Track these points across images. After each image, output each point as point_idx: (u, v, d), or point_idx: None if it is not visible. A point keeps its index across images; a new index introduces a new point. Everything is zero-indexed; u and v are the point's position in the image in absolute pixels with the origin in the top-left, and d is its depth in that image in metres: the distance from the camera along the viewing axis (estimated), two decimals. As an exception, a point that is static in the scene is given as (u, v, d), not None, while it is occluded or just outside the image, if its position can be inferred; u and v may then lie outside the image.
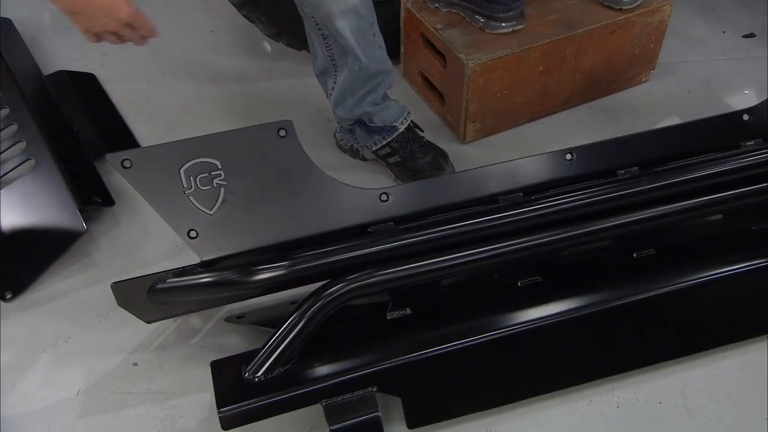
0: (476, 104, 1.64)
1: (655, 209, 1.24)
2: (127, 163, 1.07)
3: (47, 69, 1.88)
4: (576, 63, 1.70)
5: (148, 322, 1.24)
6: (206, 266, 1.14)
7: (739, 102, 1.74)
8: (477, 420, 1.17)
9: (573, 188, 1.23)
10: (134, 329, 1.29)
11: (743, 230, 1.34)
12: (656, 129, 1.31)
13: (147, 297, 1.15)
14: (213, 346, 1.29)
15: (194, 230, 1.12)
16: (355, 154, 1.65)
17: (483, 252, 1.18)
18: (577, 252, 1.30)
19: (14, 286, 1.38)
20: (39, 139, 1.54)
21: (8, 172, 1.50)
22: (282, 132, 1.13)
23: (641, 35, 1.74)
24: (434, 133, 1.69)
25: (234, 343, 1.29)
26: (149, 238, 1.48)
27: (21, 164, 1.52)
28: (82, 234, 1.43)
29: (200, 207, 1.11)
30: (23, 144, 1.56)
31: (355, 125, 1.56)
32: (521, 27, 1.63)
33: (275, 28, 1.79)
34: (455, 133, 1.73)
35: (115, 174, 1.08)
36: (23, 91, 1.68)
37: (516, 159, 1.24)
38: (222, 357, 1.16)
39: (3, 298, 1.37)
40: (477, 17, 1.64)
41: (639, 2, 1.68)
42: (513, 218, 1.19)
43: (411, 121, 1.57)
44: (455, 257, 1.17)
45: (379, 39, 1.43)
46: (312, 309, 1.12)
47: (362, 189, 1.19)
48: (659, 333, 1.25)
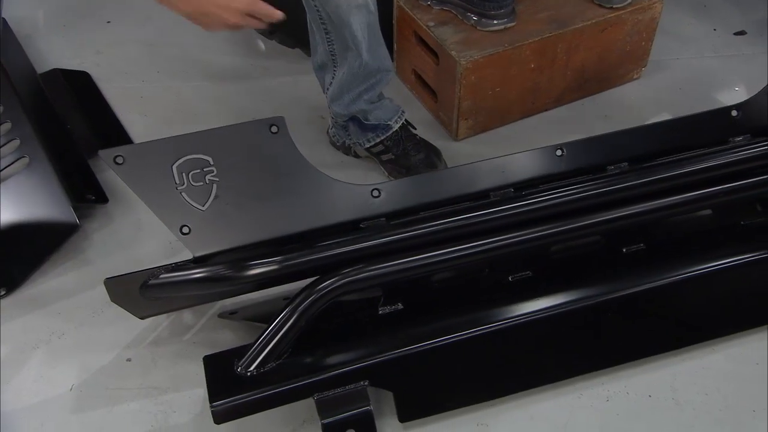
0: (468, 101, 1.65)
1: (645, 204, 1.24)
2: (120, 160, 1.08)
3: (41, 67, 1.88)
4: (567, 60, 1.71)
5: (142, 318, 1.24)
6: (199, 262, 1.14)
7: (730, 99, 1.75)
8: (468, 414, 1.18)
9: (563, 184, 1.24)
10: (127, 325, 1.29)
11: (732, 225, 1.35)
12: (645, 125, 1.31)
13: (140, 293, 1.15)
14: (206, 342, 1.29)
15: (186, 226, 1.12)
16: (348, 151, 1.65)
17: (474, 247, 1.18)
18: (568, 247, 1.31)
19: (8, 283, 1.38)
20: (33, 137, 1.54)
21: (2, 170, 1.50)
22: (274, 128, 1.13)
23: (632, 33, 1.75)
24: (427, 131, 1.70)
25: (227, 339, 1.30)
26: (143, 235, 1.48)
27: (15, 162, 1.52)
28: (76, 231, 1.43)
29: (192, 203, 1.11)
30: (17, 142, 1.56)
31: (350, 122, 1.57)
32: (513, 24, 1.64)
33: (268, 26, 1.79)
34: (448, 131, 1.74)
35: (109, 171, 1.09)
36: (17, 90, 1.68)
37: (507, 155, 1.25)
38: (215, 352, 1.16)
39: (-3, 295, 1.37)
40: (469, 15, 1.65)
41: (630, 0, 1.69)
42: (504, 213, 1.20)
43: (405, 119, 1.58)
44: (446, 252, 1.17)
45: (381, 36, 1.44)
46: (304, 304, 1.12)
47: (354, 185, 1.19)
48: (649, 327, 1.25)
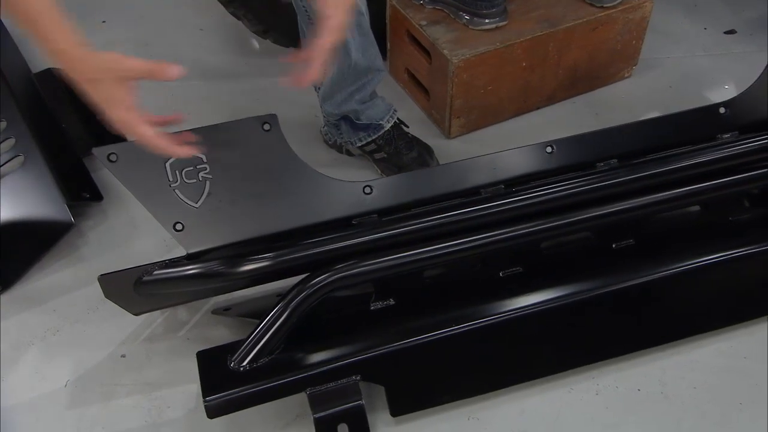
0: (461, 100, 1.66)
1: (634, 200, 1.25)
2: (113, 157, 1.09)
3: (36, 67, 1.88)
4: (559, 59, 1.72)
5: (136, 315, 1.25)
6: (192, 258, 1.15)
7: (720, 97, 1.76)
8: (459, 408, 1.18)
9: (553, 180, 1.24)
10: (122, 322, 1.30)
11: (720, 221, 1.36)
12: (635, 122, 1.32)
13: (134, 289, 1.15)
14: (200, 338, 1.30)
15: (180, 223, 1.13)
16: (341, 149, 1.66)
17: (465, 243, 1.19)
18: (558, 243, 1.32)
19: (3, 280, 1.39)
20: (28, 136, 1.55)
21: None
22: (266, 126, 1.14)
23: (623, 32, 1.76)
24: (420, 129, 1.70)
25: (221, 335, 1.30)
26: (137, 233, 1.48)
27: (10, 160, 1.52)
28: (71, 228, 1.44)
29: (186, 200, 1.12)
30: (12, 141, 1.56)
31: (341, 121, 1.57)
32: (504, 23, 1.65)
33: (262, 26, 1.80)
34: (440, 129, 1.75)
35: (104, 170, 1.10)
36: (12, 89, 1.68)
37: (497, 152, 1.26)
38: (208, 348, 1.17)
39: (-8, 292, 1.38)
40: (461, 14, 1.66)
41: (620, 0, 1.70)
42: (494, 210, 1.21)
43: (397, 118, 1.59)
44: (438, 248, 1.18)
45: (372, 37, 1.44)
46: (296, 300, 1.13)
47: (346, 182, 1.20)
48: (638, 322, 1.26)
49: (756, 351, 1.25)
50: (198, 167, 1.11)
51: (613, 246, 1.32)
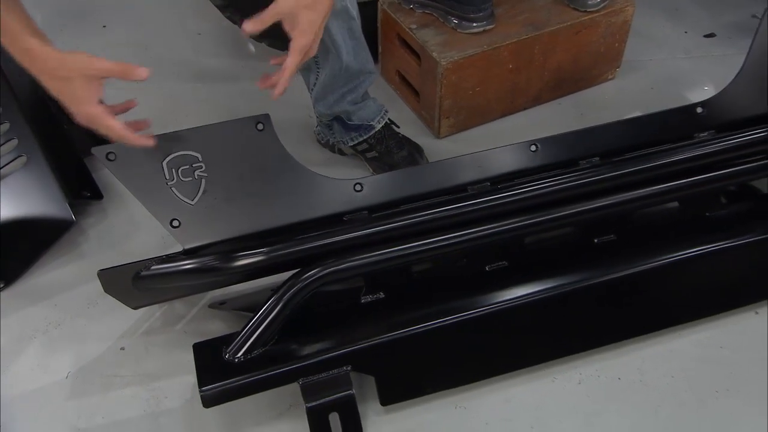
0: (449, 100, 1.67)
1: (615, 197, 1.26)
2: (112, 156, 1.09)
3: (39, 70, 1.89)
4: (544, 61, 1.73)
5: (135, 309, 1.25)
6: (188, 254, 1.16)
7: (700, 97, 1.74)
8: (447, 397, 1.19)
9: (537, 177, 1.25)
10: (121, 316, 1.30)
11: (698, 216, 1.37)
12: (615, 121, 1.33)
13: (132, 284, 1.16)
14: (197, 332, 1.30)
15: (177, 219, 1.13)
16: (333, 149, 1.67)
17: (452, 238, 1.20)
18: (542, 238, 1.33)
19: (7, 276, 1.40)
20: (30, 137, 1.55)
21: (1, 168, 1.51)
22: (260, 125, 1.15)
23: (606, 35, 1.77)
24: (411, 129, 1.71)
25: (217, 329, 1.31)
26: (136, 230, 1.49)
27: (13, 161, 1.52)
28: (72, 226, 1.44)
29: (182, 197, 1.13)
30: (15, 141, 1.56)
31: (334, 121, 1.58)
32: (491, 27, 1.66)
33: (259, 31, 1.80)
34: (430, 129, 1.76)
35: (104, 169, 1.11)
36: (15, 91, 1.68)
37: (483, 150, 1.27)
38: (204, 340, 1.18)
39: (-5, 288, 1.39)
40: (450, 18, 1.67)
41: (603, 4, 1.71)
42: (481, 206, 1.22)
43: (388, 119, 1.60)
44: (426, 243, 1.19)
45: (364, 40, 1.45)
46: (288, 293, 1.14)
47: (337, 180, 1.21)
48: (619, 314, 1.27)
49: (731, 341, 1.26)
50: (194, 165, 1.12)
51: (595, 241, 1.32)
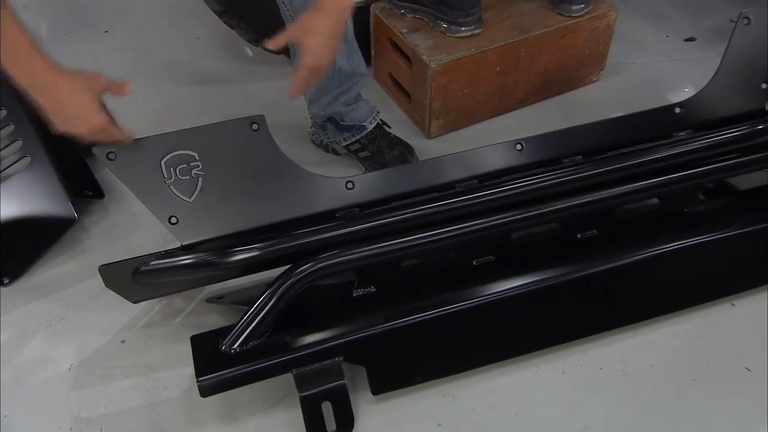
0: (439, 102, 1.68)
1: (597, 193, 1.27)
2: (112, 156, 1.10)
3: (43, 74, 1.89)
4: (531, 64, 1.74)
5: (135, 303, 1.26)
6: (186, 249, 1.16)
7: (680, 99, 1.74)
8: (435, 386, 1.20)
9: (523, 175, 1.26)
10: (122, 309, 1.31)
11: (677, 212, 1.38)
12: (598, 121, 1.34)
13: (132, 279, 1.17)
14: (195, 325, 1.31)
15: (175, 217, 1.14)
16: (327, 149, 1.68)
17: (440, 234, 1.21)
18: (527, 233, 1.33)
19: (12, 272, 1.41)
20: (34, 138, 1.55)
21: (5, 169, 1.52)
22: (255, 126, 1.16)
23: (590, 38, 1.78)
24: (402, 129, 1.72)
25: (214, 322, 1.31)
26: (136, 228, 1.50)
27: (17, 161, 1.53)
28: (74, 224, 1.45)
29: (180, 195, 1.14)
30: (20, 143, 1.57)
31: (327, 122, 1.59)
32: (479, 31, 1.67)
33: (254, 34, 1.81)
34: (421, 129, 1.77)
35: (105, 169, 1.12)
36: (19, 95, 1.67)
37: (471, 149, 1.28)
38: (201, 332, 1.19)
39: (1, 283, 1.39)
40: (439, 22, 1.68)
41: (586, 9, 1.72)
42: (468, 203, 1.23)
43: (380, 119, 1.61)
44: (414, 239, 1.20)
45: (356, 44, 1.46)
46: (283, 287, 1.15)
47: (329, 178, 1.22)
48: (601, 306, 1.28)
49: (708, 332, 1.27)
50: (191, 164, 1.13)
51: (578, 236, 1.33)
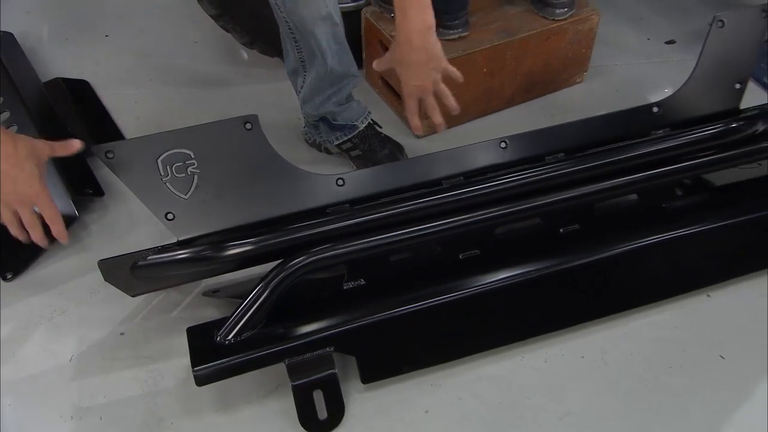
0: (428, 103, 1.68)
1: (579, 189, 1.28)
2: (110, 154, 1.10)
3: (45, 76, 1.90)
4: (516, 66, 1.75)
5: (133, 296, 1.26)
6: (182, 244, 1.17)
7: (659, 99, 1.80)
8: (423, 375, 1.21)
9: (507, 172, 1.27)
10: (121, 303, 1.32)
11: (655, 207, 1.39)
12: (579, 120, 1.35)
13: (130, 273, 1.17)
14: (191, 318, 1.32)
15: (171, 213, 1.15)
16: (320, 148, 1.68)
17: (427, 228, 1.21)
18: (511, 228, 1.34)
19: (15, 268, 1.41)
20: (36, 138, 1.56)
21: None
22: (248, 125, 1.16)
23: (573, 41, 1.79)
24: (393, 129, 1.73)
25: (210, 315, 1.31)
26: (135, 225, 1.50)
27: (20, 160, 1.54)
28: (75, 221, 1.46)
29: (176, 192, 1.14)
30: (22, 143, 1.58)
31: (320, 122, 1.60)
32: (467, 34, 1.68)
33: (249, 37, 1.82)
34: (411, 129, 1.77)
35: (105, 168, 1.11)
36: (23, 97, 1.69)
37: (457, 147, 1.29)
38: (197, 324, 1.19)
39: (4, 278, 1.39)
40: (428, 26, 1.69)
41: (569, 13, 1.73)
42: (454, 198, 1.23)
43: (371, 119, 1.61)
44: (403, 233, 1.20)
45: (347, 46, 1.47)
46: (275, 280, 1.15)
47: (320, 175, 1.22)
48: (582, 297, 1.29)
49: (684, 322, 1.28)
50: (187, 162, 1.13)
51: (561, 231, 1.35)
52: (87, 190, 1.53)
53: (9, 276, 1.40)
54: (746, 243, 1.37)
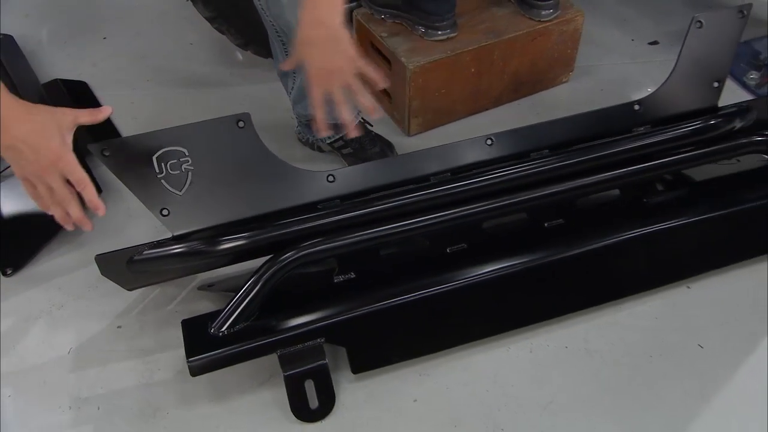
0: (417, 101, 1.69)
1: (563, 185, 1.29)
2: (107, 152, 1.11)
3: (44, 78, 1.90)
4: (503, 66, 1.76)
5: (130, 290, 1.27)
6: (177, 239, 1.18)
7: None
8: (411, 366, 1.22)
9: (493, 168, 1.28)
10: (118, 297, 1.33)
11: (636, 202, 1.40)
12: (563, 117, 1.35)
13: (127, 267, 1.18)
14: (187, 311, 1.32)
15: (166, 209, 1.15)
16: (313, 146, 1.69)
17: (416, 223, 1.22)
18: (497, 223, 1.35)
19: (15, 263, 1.42)
20: (36, 137, 1.57)
21: (9, 167, 1.53)
22: (241, 123, 1.16)
23: (559, 42, 1.80)
24: (383, 128, 1.74)
25: (205, 308, 1.32)
26: (132, 221, 1.51)
27: (20, 159, 1.54)
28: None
29: (171, 189, 1.15)
30: (22, 142, 1.58)
31: (312, 121, 1.60)
32: (455, 35, 1.69)
33: (243, 39, 1.83)
34: (401, 127, 1.79)
35: (102, 167, 1.12)
36: (23, 97, 1.67)
37: (444, 144, 1.29)
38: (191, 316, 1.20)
39: (4, 274, 1.40)
40: (417, 27, 1.70)
41: (555, 14, 1.74)
42: (441, 194, 1.24)
43: (362, 118, 1.62)
44: (391, 227, 1.21)
45: None
46: (268, 273, 1.16)
47: (311, 171, 1.23)
48: (566, 289, 1.30)
49: (664, 312, 1.30)
50: (181, 160, 1.14)
51: (545, 225, 1.35)
52: (85, 188, 1.53)
53: (9, 271, 1.40)
54: (725, 236, 1.38)
